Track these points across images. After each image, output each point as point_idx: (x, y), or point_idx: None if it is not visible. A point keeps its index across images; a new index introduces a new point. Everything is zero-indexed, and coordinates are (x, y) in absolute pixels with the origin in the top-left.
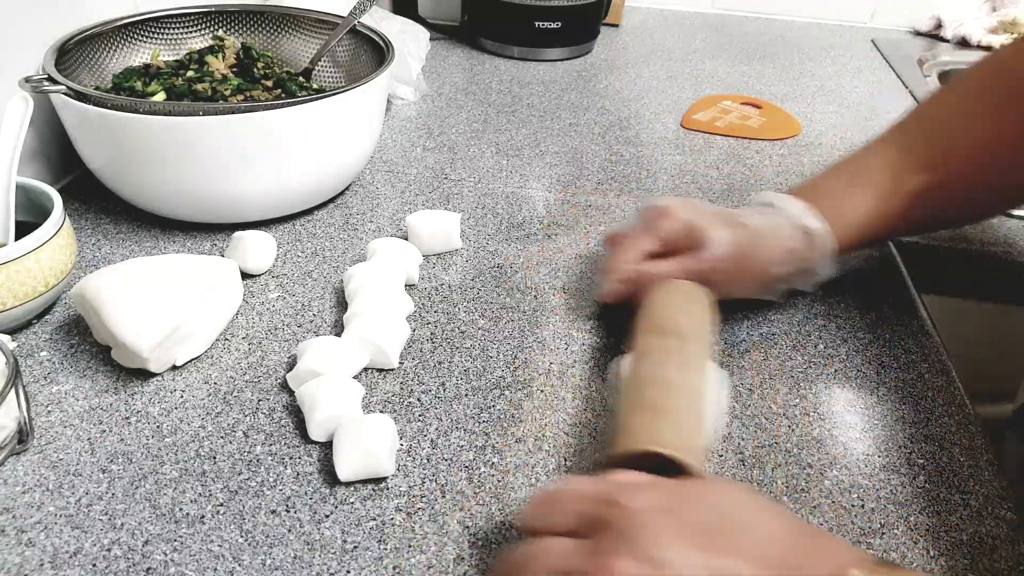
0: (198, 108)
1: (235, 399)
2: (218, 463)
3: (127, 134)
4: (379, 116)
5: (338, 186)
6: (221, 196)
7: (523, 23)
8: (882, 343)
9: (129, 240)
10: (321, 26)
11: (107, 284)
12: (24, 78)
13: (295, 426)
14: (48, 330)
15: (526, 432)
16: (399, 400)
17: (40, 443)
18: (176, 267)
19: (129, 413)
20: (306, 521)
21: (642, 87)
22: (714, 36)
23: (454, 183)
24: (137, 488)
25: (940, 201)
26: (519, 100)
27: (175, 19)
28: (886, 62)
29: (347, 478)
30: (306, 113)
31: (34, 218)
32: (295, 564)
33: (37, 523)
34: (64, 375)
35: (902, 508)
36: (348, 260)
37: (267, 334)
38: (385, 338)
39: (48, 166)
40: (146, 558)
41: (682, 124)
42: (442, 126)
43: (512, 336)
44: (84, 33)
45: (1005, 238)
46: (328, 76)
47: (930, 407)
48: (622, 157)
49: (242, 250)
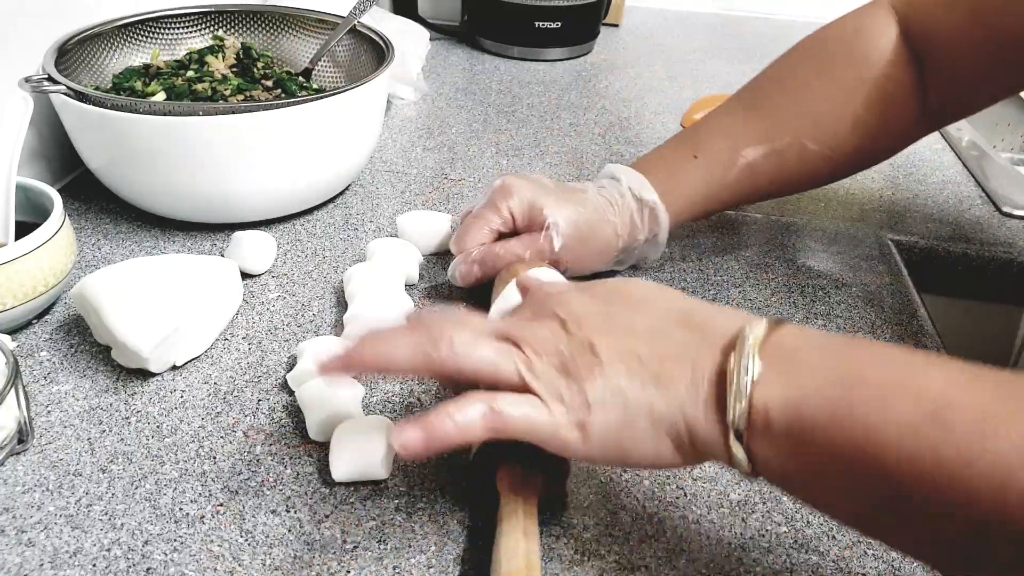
0: (198, 108)
1: (235, 399)
2: (218, 463)
3: (127, 134)
4: (379, 116)
5: (338, 186)
6: (221, 196)
7: (523, 23)
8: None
9: (129, 240)
10: (321, 26)
11: (107, 284)
12: (24, 78)
13: (295, 426)
14: (48, 330)
15: None
16: (399, 400)
17: (40, 443)
18: (176, 267)
19: (129, 413)
20: (306, 521)
21: (642, 87)
22: (714, 36)
23: (454, 183)
24: (137, 488)
25: (774, 171)
26: (519, 100)
27: (175, 19)
28: None
29: (341, 479)
30: (306, 113)
31: (34, 218)
32: (295, 564)
33: (37, 523)
34: (64, 375)
35: None
36: (348, 260)
37: (267, 334)
38: None
39: (48, 166)
40: (146, 558)
41: (682, 124)
42: (442, 126)
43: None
44: (84, 33)
45: (1005, 238)
46: (328, 76)
47: None
48: (622, 157)
49: (242, 250)
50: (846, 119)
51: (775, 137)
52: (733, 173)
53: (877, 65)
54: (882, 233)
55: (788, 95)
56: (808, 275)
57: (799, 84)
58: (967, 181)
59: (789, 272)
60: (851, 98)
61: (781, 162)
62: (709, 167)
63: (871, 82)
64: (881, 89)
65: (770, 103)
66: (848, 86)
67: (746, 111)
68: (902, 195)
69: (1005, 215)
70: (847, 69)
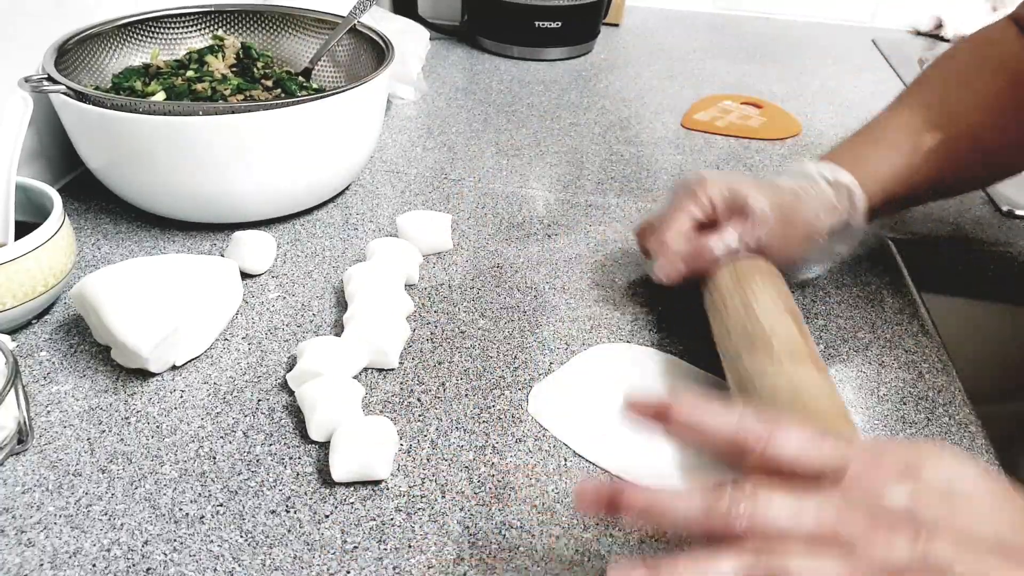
0: (198, 108)
1: (235, 399)
2: (218, 463)
3: (127, 134)
4: (379, 116)
5: (338, 186)
6: (221, 196)
7: (523, 23)
8: (882, 343)
9: (129, 240)
10: (321, 26)
11: (107, 284)
12: (24, 78)
13: (295, 426)
14: (48, 330)
15: (526, 432)
16: (399, 400)
17: (40, 443)
18: (176, 267)
19: (129, 413)
20: (306, 521)
21: (642, 87)
22: (714, 36)
23: (454, 183)
24: (137, 488)
25: (955, 158)
26: (519, 100)
27: (175, 19)
28: (887, 62)
29: (341, 479)
30: (306, 113)
31: (34, 218)
32: (295, 564)
33: (37, 523)
34: (64, 375)
35: None
36: (348, 260)
37: (267, 334)
38: (385, 338)
39: (48, 166)
40: (146, 558)
41: (682, 124)
42: (442, 126)
43: (512, 336)
44: (84, 33)
45: (1005, 238)
46: (328, 76)
47: (930, 407)
48: (622, 157)
49: (242, 250)
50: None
51: (946, 127)
52: (917, 160)
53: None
54: (882, 233)
55: (944, 94)
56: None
57: (951, 84)
58: None
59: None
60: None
61: (958, 149)
62: (892, 154)
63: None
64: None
65: (931, 101)
66: (998, 87)
67: (917, 107)
68: None
69: (1005, 215)
70: (987, 71)
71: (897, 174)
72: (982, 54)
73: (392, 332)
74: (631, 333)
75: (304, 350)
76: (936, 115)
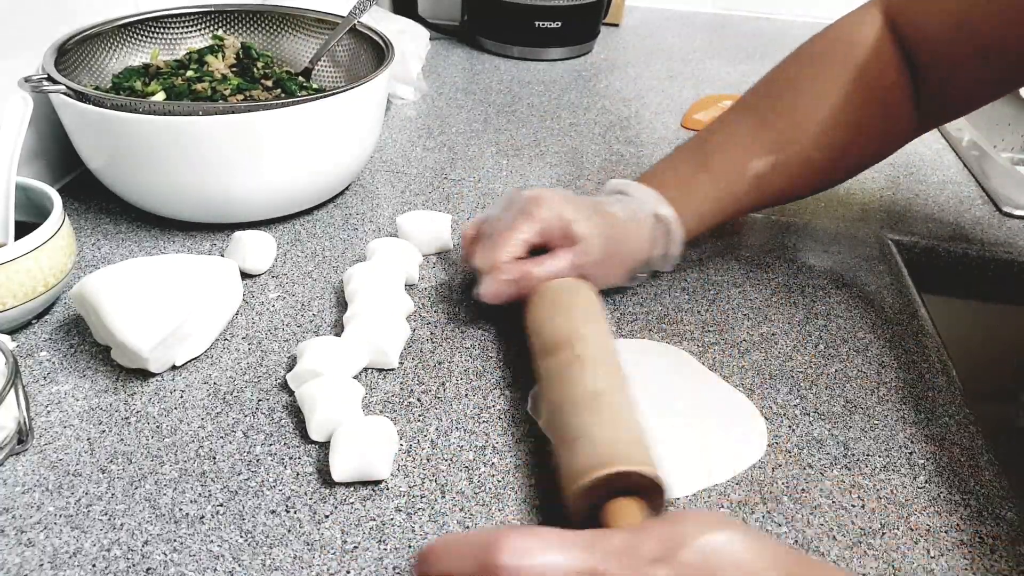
0: (198, 108)
1: (235, 399)
2: (218, 463)
3: (126, 134)
4: (379, 116)
5: (338, 186)
6: (221, 196)
7: (523, 23)
8: (882, 343)
9: (129, 240)
10: (321, 26)
11: (107, 284)
12: (24, 78)
13: (295, 426)
14: (48, 330)
15: (526, 432)
16: (399, 400)
17: (40, 443)
18: (176, 267)
19: (129, 413)
20: (306, 521)
21: (642, 87)
22: (714, 36)
23: (454, 183)
24: (137, 488)
25: (782, 181)
26: (519, 100)
27: (175, 19)
28: None
29: (341, 479)
30: (306, 113)
31: (34, 218)
32: (295, 564)
33: (37, 523)
34: (64, 375)
35: (902, 508)
36: (348, 260)
37: (267, 334)
38: (385, 338)
39: (48, 166)
40: (146, 558)
41: (682, 124)
42: (442, 126)
43: (512, 336)
44: (84, 33)
45: (1005, 238)
46: (328, 76)
47: (930, 407)
48: (622, 157)
49: (242, 250)
50: (847, 124)
51: (781, 147)
52: (742, 186)
53: (872, 69)
54: (882, 233)
55: (790, 102)
56: (808, 275)
57: (800, 91)
58: (967, 181)
59: (789, 272)
60: (849, 103)
61: (788, 172)
62: (718, 181)
63: (867, 86)
64: (877, 92)
65: (774, 112)
66: (846, 91)
67: (752, 120)
68: (902, 195)
69: (1005, 215)
70: (843, 74)
71: (721, 207)
72: (835, 51)
73: (392, 332)
74: (631, 332)
75: (304, 350)
76: (772, 134)
